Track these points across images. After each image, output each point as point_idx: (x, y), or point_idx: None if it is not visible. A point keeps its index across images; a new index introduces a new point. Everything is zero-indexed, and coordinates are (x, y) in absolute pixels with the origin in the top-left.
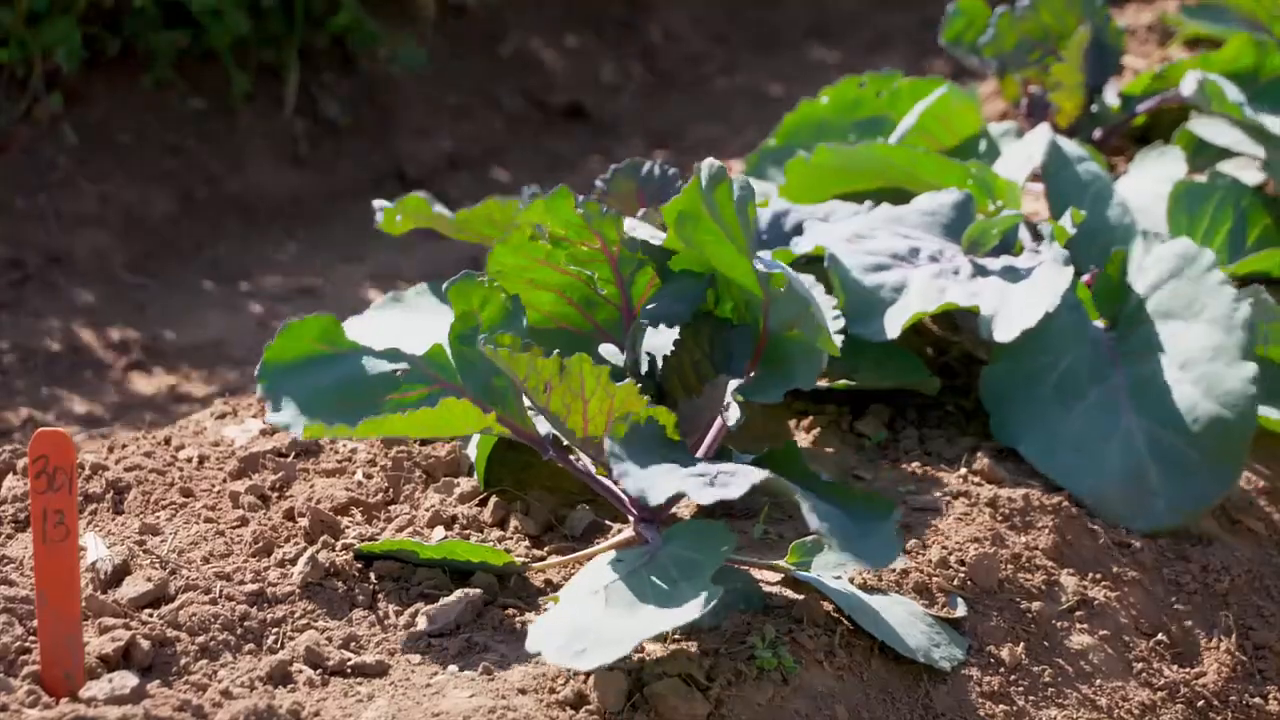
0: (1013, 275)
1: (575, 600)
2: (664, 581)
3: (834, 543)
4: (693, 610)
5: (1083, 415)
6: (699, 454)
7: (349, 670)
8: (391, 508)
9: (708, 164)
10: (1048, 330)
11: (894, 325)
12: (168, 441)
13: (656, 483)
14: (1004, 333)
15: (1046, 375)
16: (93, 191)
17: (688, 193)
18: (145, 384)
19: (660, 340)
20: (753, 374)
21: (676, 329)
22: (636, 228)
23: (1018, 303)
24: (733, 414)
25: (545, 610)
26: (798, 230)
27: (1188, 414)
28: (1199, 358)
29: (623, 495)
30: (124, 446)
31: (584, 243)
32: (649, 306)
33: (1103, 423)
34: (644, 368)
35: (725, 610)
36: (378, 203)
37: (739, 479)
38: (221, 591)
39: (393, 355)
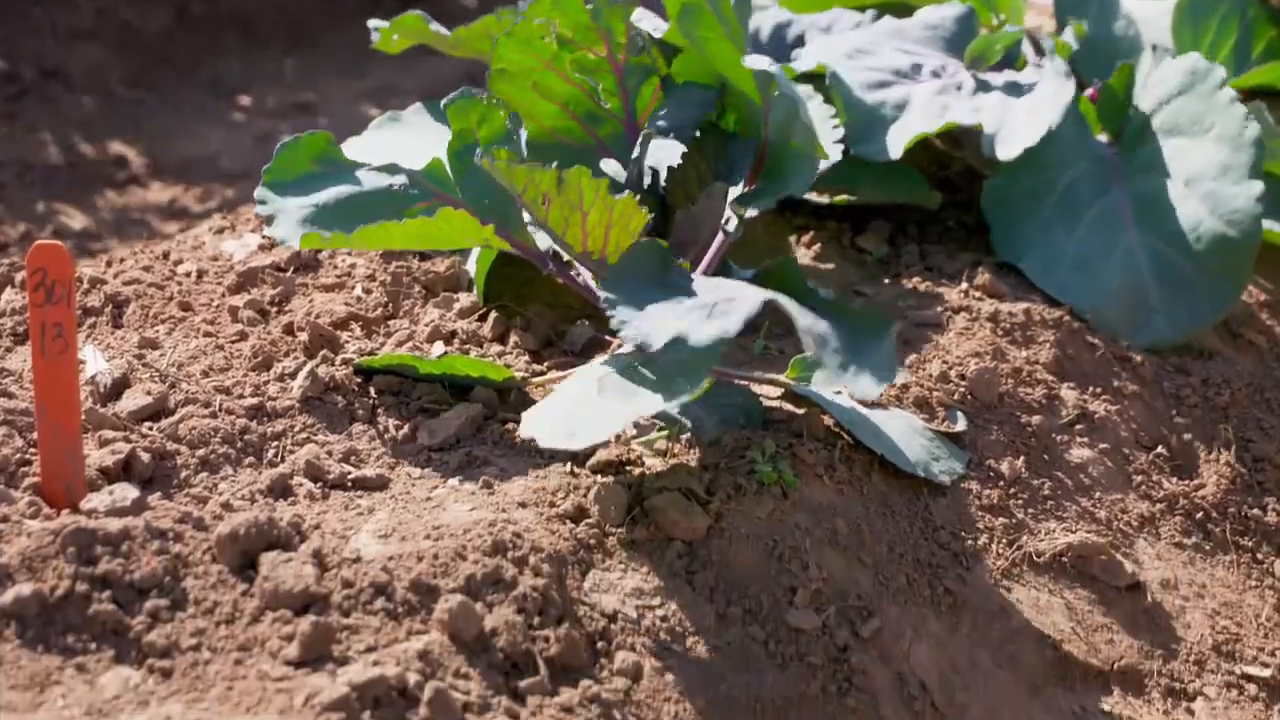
0: (1015, 91)
1: (568, 390)
2: (657, 376)
3: (830, 368)
4: (687, 393)
5: (1084, 231)
6: (699, 270)
7: (349, 484)
8: (391, 323)
9: None
10: (1050, 145)
11: (896, 145)
12: (166, 256)
13: (655, 327)
14: (1006, 150)
15: (1048, 191)
16: (89, 6)
17: None
18: (143, 199)
19: (666, 153)
20: (754, 186)
21: (683, 143)
22: (643, 19)
23: (1020, 119)
24: (731, 225)
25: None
26: (800, 42)
27: (1191, 231)
28: (1205, 175)
29: None
30: (122, 261)
31: (590, 49)
32: (657, 113)
33: (1104, 238)
34: (647, 181)
35: (725, 425)
36: (373, 22)
37: (735, 311)
38: (221, 405)
39: (391, 170)
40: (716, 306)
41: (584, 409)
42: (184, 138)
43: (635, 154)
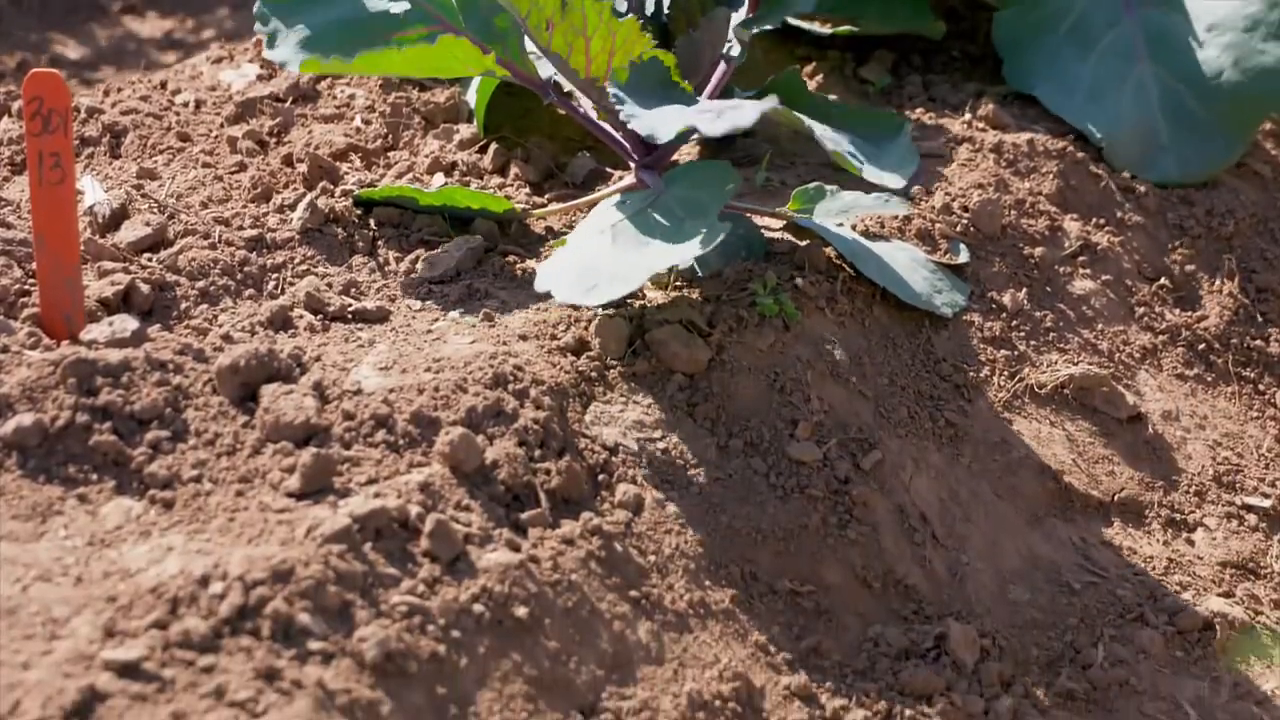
0: None
1: (582, 241)
2: (669, 220)
3: (854, 160)
4: (701, 244)
5: (1097, 60)
6: (703, 95)
7: (349, 316)
8: (391, 154)
9: None
10: None
11: None
12: (164, 86)
13: (664, 120)
14: None
15: (1060, 20)
16: None
17: None
18: (140, 28)
19: None
20: (756, 12)
21: None
22: None
23: None
24: (735, 51)
25: (550, 253)
26: None
27: (1210, 77)
28: (1231, 25)
29: (624, 141)
30: (119, 90)
31: None
32: None
33: (1117, 68)
34: (650, 8)
35: (727, 257)
36: None
37: (748, 109)
38: (221, 237)
39: None
40: (726, 111)
41: (600, 263)
42: None
43: None
